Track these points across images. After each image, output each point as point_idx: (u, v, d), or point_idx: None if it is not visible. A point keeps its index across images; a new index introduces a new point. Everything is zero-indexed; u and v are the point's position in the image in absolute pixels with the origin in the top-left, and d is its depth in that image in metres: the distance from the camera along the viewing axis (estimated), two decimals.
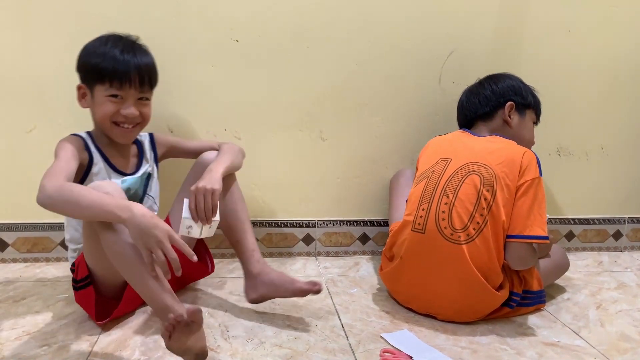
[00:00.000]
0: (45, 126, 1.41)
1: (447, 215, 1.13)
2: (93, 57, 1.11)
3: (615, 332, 1.17)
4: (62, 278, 1.37)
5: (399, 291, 1.25)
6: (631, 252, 1.75)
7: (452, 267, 1.12)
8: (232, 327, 1.12)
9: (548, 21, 1.53)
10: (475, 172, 1.15)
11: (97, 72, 1.10)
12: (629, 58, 1.60)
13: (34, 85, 1.38)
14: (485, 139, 1.25)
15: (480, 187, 1.13)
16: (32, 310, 1.18)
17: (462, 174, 1.16)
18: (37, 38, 1.35)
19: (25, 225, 1.45)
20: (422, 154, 1.32)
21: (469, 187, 1.14)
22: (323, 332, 1.12)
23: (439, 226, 1.13)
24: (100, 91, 1.11)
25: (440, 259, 1.13)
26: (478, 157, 1.17)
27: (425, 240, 1.15)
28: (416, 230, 1.16)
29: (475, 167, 1.16)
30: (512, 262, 1.14)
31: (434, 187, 1.17)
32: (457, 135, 1.30)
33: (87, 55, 1.13)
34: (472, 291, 1.12)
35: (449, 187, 1.15)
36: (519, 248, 1.13)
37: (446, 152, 1.23)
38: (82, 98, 1.15)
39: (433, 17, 1.48)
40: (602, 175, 1.68)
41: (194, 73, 1.42)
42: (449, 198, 1.14)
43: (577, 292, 1.38)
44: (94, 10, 1.35)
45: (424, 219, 1.15)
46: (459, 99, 1.38)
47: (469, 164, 1.17)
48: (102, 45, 1.12)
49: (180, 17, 1.38)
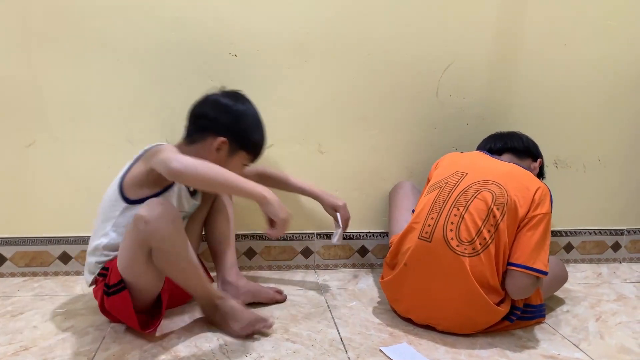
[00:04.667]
0: (45, 140, 1.42)
1: (456, 227, 1.13)
2: (255, 132, 1.20)
3: (615, 344, 1.16)
4: (60, 292, 1.37)
5: (399, 300, 1.24)
6: (630, 263, 1.75)
7: (455, 279, 1.12)
8: (230, 342, 1.12)
9: (544, 34, 1.54)
10: (489, 189, 1.15)
11: (251, 146, 1.20)
12: (625, 71, 1.61)
13: (34, 99, 1.39)
14: (504, 163, 1.26)
15: (491, 204, 1.13)
16: (30, 325, 1.18)
17: (476, 189, 1.16)
18: (36, 52, 1.37)
19: (24, 240, 1.45)
20: (437, 165, 1.33)
21: (481, 203, 1.14)
22: (322, 345, 1.11)
23: (445, 237, 1.13)
24: (241, 158, 1.20)
25: (444, 269, 1.13)
26: (494, 176, 1.18)
27: (431, 248, 1.14)
28: (423, 238, 1.15)
29: (489, 185, 1.16)
30: (512, 290, 1.13)
31: (446, 198, 1.17)
32: (477, 154, 1.32)
33: (249, 126, 1.19)
34: (473, 304, 1.12)
35: (461, 200, 1.15)
36: (522, 278, 1.12)
37: (463, 166, 1.24)
38: (218, 150, 1.17)
39: (430, 31, 1.49)
40: (600, 187, 1.69)
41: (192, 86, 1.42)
42: (459, 210, 1.14)
43: (576, 304, 1.38)
44: (94, 26, 1.37)
45: (431, 227, 1.15)
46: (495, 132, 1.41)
47: (484, 180, 1.17)
48: (259, 121, 1.21)
49: (179, 31, 1.40)
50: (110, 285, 1.10)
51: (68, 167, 1.43)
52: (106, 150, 1.43)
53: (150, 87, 1.42)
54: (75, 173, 1.44)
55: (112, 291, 1.10)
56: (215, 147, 1.16)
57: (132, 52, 1.39)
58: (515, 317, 1.17)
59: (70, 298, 1.33)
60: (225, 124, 1.17)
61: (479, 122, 1.56)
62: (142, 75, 1.41)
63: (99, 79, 1.40)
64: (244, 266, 1.56)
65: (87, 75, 1.39)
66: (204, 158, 1.10)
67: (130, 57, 1.39)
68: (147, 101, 1.42)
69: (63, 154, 1.43)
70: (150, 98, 1.42)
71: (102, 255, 1.15)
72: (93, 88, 1.40)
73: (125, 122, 1.43)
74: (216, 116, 1.17)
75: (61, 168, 1.43)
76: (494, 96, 1.56)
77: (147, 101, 1.42)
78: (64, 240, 1.47)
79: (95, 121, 1.42)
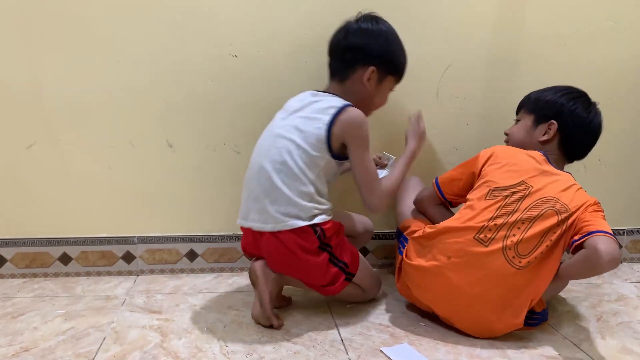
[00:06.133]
0: (45, 142, 1.41)
1: (517, 240, 1.12)
2: (401, 55, 1.25)
3: (616, 344, 1.16)
4: (60, 293, 1.37)
5: (425, 288, 1.20)
6: (631, 263, 1.75)
7: (500, 287, 1.12)
8: (231, 342, 1.12)
9: (544, 35, 1.54)
10: (554, 208, 1.13)
11: (398, 70, 1.26)
12: (625, 71, 1.61)
13: (34, 100, 1.39)
14: (565, 179, 1.21)
15: (554, 224, 1.12)
16: (30, 326, 1.18)
17: (542, 207, 1.13)
18: (37, 53, 1.37)
19: (24, 241, 1.45)
20: (490, 160, 1.25)
21: (545, 222, 1.12)
22: (322, 346, 1.11)
23: (505, 246, 1.12)
24: (389, 83, 1.26)
25: (491, 275, 1.12)
26: (557, 194, 1.16)
27: (485, 254, 1.12)
28: (479, 240, 1.13)
29: (554, 204, 1.14)
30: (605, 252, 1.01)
31: (512, 210, 1.14)
32: (536, 159, 1.23)
33: (396, 48, 1.24)
34: (506, 315, 1.13)
35: (527, 216, 1.13)
36: (612, 242, 1.03)
37: (529, 176, 1.19)
38: (369, 80, 1.22)
39: (430, 31, 1.49)
40: (600, 187, 1.68)
41: (193, 87, 1.43)
42: (524, 225, 1.13)
43: (577, 304, 1.38)
44: (94, 27, 1.37)
45: (492, 233, 1.13)
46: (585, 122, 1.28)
47: (549, 198, 1.15)
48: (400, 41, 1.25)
49: (180, 33, 1.40)
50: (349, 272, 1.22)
51: (69, 169, 1.43)
52: (107, 152, 1.43)
53: (150, 88, 1.42)
54: (76, 174, 1.44)
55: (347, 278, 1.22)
56: (367, 78, 1.20)
57: (132, 53, 1.39)
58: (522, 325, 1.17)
59: (71, 299, 1.33)
60: (375, 50, 1.20)
61: (479, 123, 1.56)
62: (143, 77, 1.41)
63: (99, 80, 1.39)
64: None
65: (88, 76, 1.39)
66: (357, 94, 1.21)
67: (131, 59, 1.39)
68: (147, 103, 1.42)
69: (63, 155, 1.42)
70: (151, 99, 1.42)
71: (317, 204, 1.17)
72: (94, 89, 1.40)
73: (126, 124, 1.43)
74: (366, 43, 1.20)
75: (62, 169, 1.43)
76: (494, 97, 1.56)
77: (147, 103, 1.42)
78: (64, 242, 1.46)
79: (96, 122, 1.42)
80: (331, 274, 1.19)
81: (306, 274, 1.20)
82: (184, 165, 1.46)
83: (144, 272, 1.51)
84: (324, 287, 1.21)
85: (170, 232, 1.50)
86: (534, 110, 1.32)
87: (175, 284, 1.45)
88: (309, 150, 1.15)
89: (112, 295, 1.36)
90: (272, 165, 1.16)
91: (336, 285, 1.20)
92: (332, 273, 1.19)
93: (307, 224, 1.14)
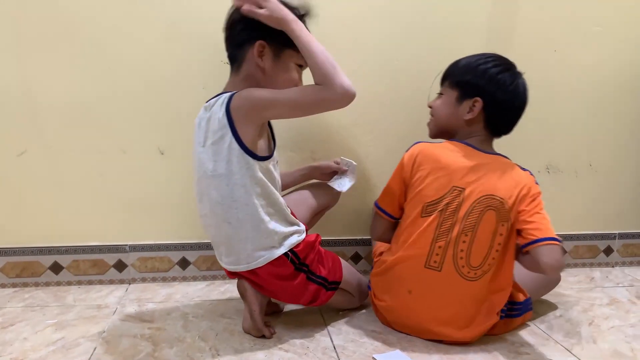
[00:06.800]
0: (37, 149, 1.41)
1: (466, 254, 1.12)
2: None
3: (607, 348, 1.16)
4: (51, 303, 1.35)
5: (401, 322, 1.22)
6: (622, 267, 1.76)
7: (468, 301, 1.14)
8: (223, 351, 1.11)
9: (534, 41, 1.55)
10: (492, 206, 1.12)
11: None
12: (615, 77, 1.63)
13: (25, 108, 1.38)
14: (495, 164, 1.18)
15: (496, 224, 1.12)
16: (20, 336, 1.17)
17: (480, 210, 1.12)
18: (28, 58, 1.36)
19: (14, 250, 1.44)
20: (416, 164, 1.19)
21: (487, 225, 1.12)
22: (315, 354, 1.11)
23: (456, 265, 1.12)
24: (292, 56, 1.11)
25: (457, 296, 1.14)
26: (492, 188, 1.13)
27: (441, 277, 1.13)
28: (431, 267, 1.14)
29: (491, 202, 1.12)
30: (548, 265, 1.06)
31: (452, 224, 1.13)
32: (461, 153, 1.17)
33: None
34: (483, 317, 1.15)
35: (467, 225, 1.12)
36: (556, 251, 1.07)
37: (457, 179, 1.14)
38: (261, 56, 1.10)
39: (421, 37, 1.50)
40: (592, 192, 1.70)
41: (184, 94, 1.42)
42: (468, 236, 1.12)
43: (569, 308, 1.38)
44: (86, 32, 1.36)
45: (440, 257, 1.13)
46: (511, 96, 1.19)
47: (485, 197, 1.13)
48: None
49: (172, 39, 1.39)
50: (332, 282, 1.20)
51: (60, 176, 1.43)
52: (99, 159, 1.43)
53: (143, 95, 1.41)
54: (67, 182, 1.43)
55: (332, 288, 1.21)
56: (258, 55, 1.09)
57: (124, 60, 1.39)
58: (503, 314, 1.19)
59: (62, 309, 1.32)
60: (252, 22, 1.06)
61: None
62: (134, 84, 1.40)
63: (91, 86, 1.39)
64: None
65: (80, 82, 1.38)
66: (254, 77, 1.10)
67: (124, 65, 1.39)
68: (139, 109, 1.42)
69: (54, 163, 1.42)
70: (143, 106, 1.42)
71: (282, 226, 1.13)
72: (86, 96, 1.39)
73: (117, 131, 1.42)
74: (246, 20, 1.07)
75: (53, 177, 1.42)
76: None
77: (139, 109, 1.42)
78: (55, 250, 1.45)
79: (87, 130, 1.41)
80: (311, 292, 1.18)
81: (286, 297, 1.21)
82: (176, 172, 1.45)
83: (136, 281, 1.50)
84: (307, 304, 1.21)
85: (162, 240, 1.50)
86: (457, 85, 1.23)
87: (167, 292, 1.44)
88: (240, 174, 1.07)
89: (103, 304, 1.35)
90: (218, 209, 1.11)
91: (319, 300, 1.20)
92: (312, 290, 1.17)
93: (279, 253, 1.11)
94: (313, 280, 1.17)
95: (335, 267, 1.22)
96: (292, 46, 1.08)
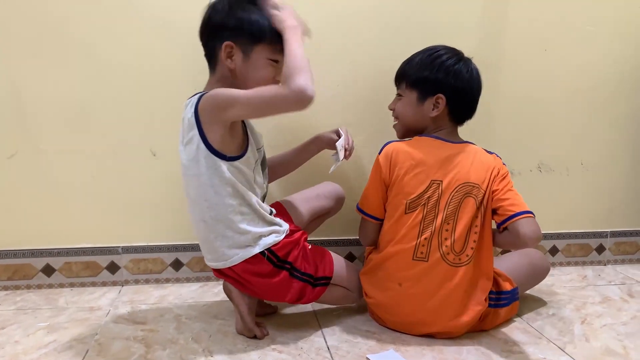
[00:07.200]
0: (27, 151, 1.40)
1: (450, 242, 1.16)
2: (253, 15, 1.05)
3: (600, 346, 1.17)
4: (43, 305, 1.35)
5: (392, 316, 1.22)
6: (614, 265, 1.77)
7: (456, 288, 1.15)
8: (216, 352, 1.11)
9: (525, 40, 1.56)
10: (470, 194, 1.17)
11: (262, 33, 1.06)
12: (605, 76, 1.64)
13: (15, 109, 1.37)
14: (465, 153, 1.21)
15: (475, 209, 1.17)
16: (11, 339, 1.16)
17: (459, 198, 1.17)
18: (17, 60, 1.35)
19: (6, 253, 1.43)
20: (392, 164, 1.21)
21: (466, 212, 1.16)
22: (309, 354, 1.11)
23: (442, 253, 1.15)
24: (263, 52, 1.08)
25: (445, 283, 1.16)
26: (466, 176, 1.18)
27: (429, 267, 1.16)
28: (419, 259, 1.16)
29: (468, 189, 1.17)
30: (528, 236, 1.11)
31: (434, 216, 1.16)
32: (433, 147, 1.21)
33: (243, 11, 1.06)
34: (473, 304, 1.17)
35: (449, 214, 1.16)
36: (533, 223, 1.13)
37: (433, 172, 1.18)
38: (230, 57, 1.09)
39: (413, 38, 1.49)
40: (583, 190, 1.71)
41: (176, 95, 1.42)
42: (450, 224, 1.16)
43: (561, 307, 1.39)
44: (76, 33, 1.35)
45: (426, 247, 1.16)
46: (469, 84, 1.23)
47: (461, 185, 1.17)
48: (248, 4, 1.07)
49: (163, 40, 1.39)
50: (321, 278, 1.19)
51: (51, 179, 1.42)
52: (90, 161, 1.42)
53: (134, 96, 1.41)
54: (59, 184, 1.42)
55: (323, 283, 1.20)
56: (226, 57, 1.08)
57: (115, 60, 1.38)
58: (492, 302, 1.20)
59: (54, 311, 1.31)
60: (219, 22, 1.07)
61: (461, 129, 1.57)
62: (126, 85, 1.40)
63: (82, 87, 1.38)
64: None
65: (70, 84, 1.38)
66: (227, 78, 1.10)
67: (114, 66, 1.38)
68: (131, 111, 1.41)
69: (45, 165, 1.41)
70: (134, 107, 1.41)
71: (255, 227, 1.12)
72: (76, 97, 1.39)
73: (109, 132, 1.42)
74: (209, 16, 1.09)
75: (44, 179, 1.41)
76: None
77: (131, 111, 1.41)
78: (47, 253, 1.44)
79: (78, 131, 1.40)
80: (296, 289, 1.16)
81: (269, 295, 1.20)
82: (168, 173, 1.45)
83: (129, 282, 1.49)
84: (295, 301, 1.20)
85: (155, 241, 1.49)
86: (416, 84, 1.24)
87: (160, 293, 1.43)
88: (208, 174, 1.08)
89: (96, 306, 1.35)
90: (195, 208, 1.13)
91: (307, 298, 1.19)
92: (297, 288, 1.16)
93: (255, 252, 1.11)
94: (297, 277, 1.16)
95: (324, 263, 1.21)
96: (262, 40, 1.07)
